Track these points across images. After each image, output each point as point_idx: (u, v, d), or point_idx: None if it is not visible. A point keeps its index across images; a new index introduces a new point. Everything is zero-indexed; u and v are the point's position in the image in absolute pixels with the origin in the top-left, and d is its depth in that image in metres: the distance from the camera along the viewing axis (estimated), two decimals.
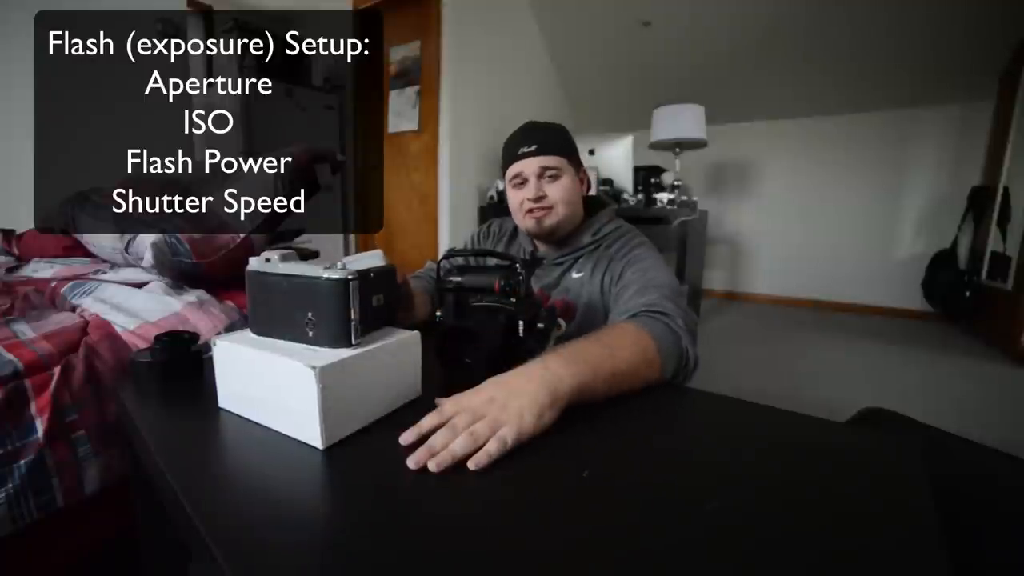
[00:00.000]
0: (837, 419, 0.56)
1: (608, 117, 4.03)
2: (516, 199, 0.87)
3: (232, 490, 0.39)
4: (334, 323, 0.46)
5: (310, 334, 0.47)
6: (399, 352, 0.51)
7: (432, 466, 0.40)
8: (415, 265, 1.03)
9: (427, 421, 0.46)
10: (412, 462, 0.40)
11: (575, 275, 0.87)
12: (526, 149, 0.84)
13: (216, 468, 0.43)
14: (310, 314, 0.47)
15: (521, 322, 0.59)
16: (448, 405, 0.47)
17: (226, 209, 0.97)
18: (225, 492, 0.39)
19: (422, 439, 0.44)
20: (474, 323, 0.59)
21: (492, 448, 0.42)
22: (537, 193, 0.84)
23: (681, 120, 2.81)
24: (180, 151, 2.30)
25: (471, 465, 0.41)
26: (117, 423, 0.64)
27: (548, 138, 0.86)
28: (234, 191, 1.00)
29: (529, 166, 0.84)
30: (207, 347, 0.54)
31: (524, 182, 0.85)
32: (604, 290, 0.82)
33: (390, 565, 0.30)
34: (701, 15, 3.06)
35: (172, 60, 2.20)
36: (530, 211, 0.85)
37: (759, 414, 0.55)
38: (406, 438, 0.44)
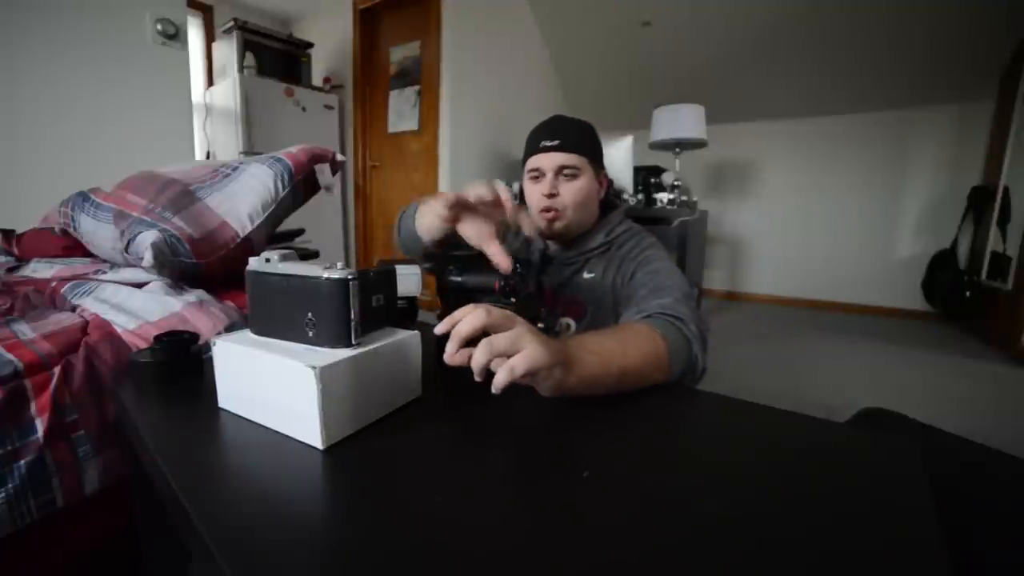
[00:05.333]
0: (837, 419, 0.56)
1: (608, 117, 4.03)
2: (533, 193, 0.86)
3: (232, 490, 0.39)
4: (334, 323, 0.46)
5: (310, 334, 0.47)
6: (399, 352, 0.51)
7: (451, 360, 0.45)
8: None
9: (460, 312, 0.47)
10: (451, 349, 0.45)
11: (586, 275, 0.86)
12: (548, 143, 0.82)
13: (216, 468, 0.43)
14: (310, 314, 0.47)
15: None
16: (487, 306, 0.47)
17: (226, 209, 0.97)
18: (225, 492, 0.39)
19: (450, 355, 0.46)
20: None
21: (499, 380, 0.43)
22: (551, 190, 0.82)
23: (681, 120, 2.81)
24: (181, 151, 2.31)
25: (493, 390, 0.43)
26: (117, 423, 0.64)
27: (572, 135, 0.84)
28: (234, 191, 0.99)
29: (548, 161, 0.82)
30: (207, 347, 0.54)
31: (541, 176, 0.84)
32: (615, 290, 0.82)
33: (390, 565, 0.30)
34: (701, 15, 3.06)
35: (172, 60, 2.21)
36: (542, 210, 0.84)
37: (759, 414, 0.55)
38: (440, 329, 0.47)
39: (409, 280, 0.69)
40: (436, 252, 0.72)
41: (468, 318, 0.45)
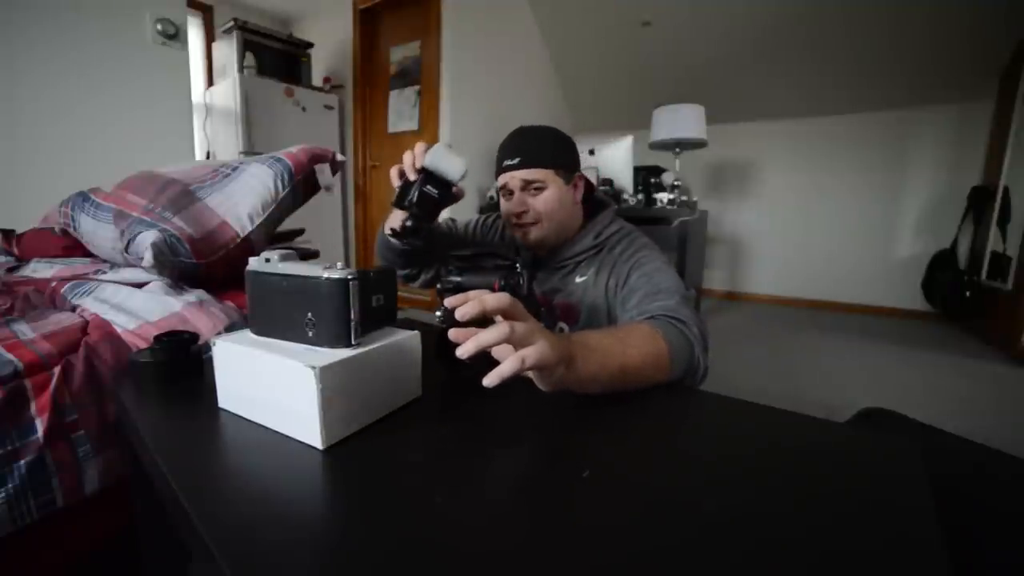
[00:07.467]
0: (837, 419, 0.56)
1: (608, 117, 4.03)
2: (504, 210, 0.87)
3: (232, 490, 0.39)
4: (334, 323, 0.46)
5: (310, 334, 0.47)
6: (399, 352, 0.51)
7: (460, 351, 0.43)
8: None
9: (475, 292, 0.46)
10: (465, 311, 0.44)
11: (578, 279, 0.86)
12: (509, 162, 0.83)
13: (216, 468, 0.43)
14: (310, 314, 0.47)
15: None
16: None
17: (226, 209, 0.97)
18: (225, 492, 0.39)
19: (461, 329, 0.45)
20: (473, 323, 0.59)
21: (508, 367, 0.42)
22: (519, 208, 0.83)
23: (681, 120, 2.81)
24: (181, 151, 2.31)
25: (485, 382, 0.42)
26: (117, 423, 0.64)
27: (533, 149, 0.84)
28: (234, 191, 0.99)
29: (511, 180, 0.83)
30: (207, 347, 0.54)
31: (510, 194, 0.85)
32: (608, 293, 0.82)
33: (390, 565, 0.30)
34: (701, 15, 3.06)
35: (172, 60, 2.21)
36: (515, 224, 0.85)
37: (759, 414, 0.55)
38: (452, 301, 0.46)
39: (452, 162, 0.66)
40: (407, 246, 0.79)
41: (497, 296, 0.45)
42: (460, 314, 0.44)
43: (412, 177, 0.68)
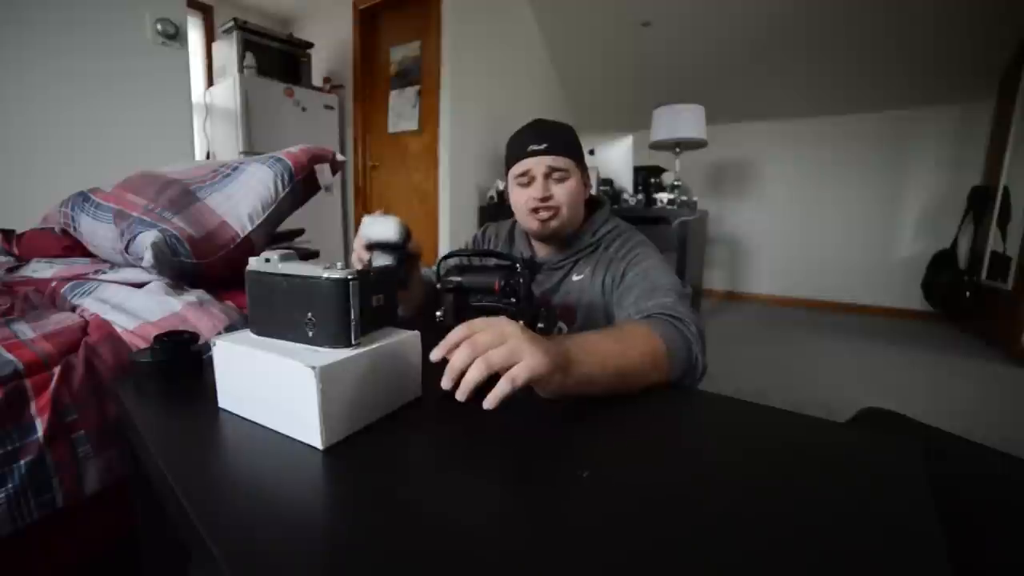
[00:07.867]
0: (837, 419, 0.56)
1: (608, 117, 4.03)
2: (521, 198, 0.85)
3: (232, 490, 0.39)
4: (334, 323, 0.46)
5: (310, 334, 0.47)
6: (399, 352, 0.51)
7: (459, 396, 0.44)
8: None
9: (454, 335, 0.47)
10: (445, 383, 0.46)
11: (575, 278, 0.86)
12: (535, 147, 0.82)
13: (216, 468, 0.43)
14: (310, 314, 0.47)
15: (521, 323, 0.60)
16: (477, 321, 0.48)
17: (226, 209, 0.97)
18: (225, 492, 0.39)
19: (451, 374, 0.47)
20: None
21: (501, 390, 0.44)
22: (544, 193, 0.82)
23: (681, 120, 2.81)
24: (181, 151, 2.32)
25: (485, 405, 0.44)
26: (117, 423, 0.64)
27: (558, 138, 0.84)
28: (234, 191, 0.99)
29: (537, 165, 0.82)
30: (207, 347, 0.54)
31: (531, 181, 0.84)
32: (605, 291, 0.82)
33: (390, 565, 0.30)
34: (701, 15, 3.06)
35: (172, 60, 2.22)
36: (535, 211, 0.83)
37: (759, 414, 0.55)
38: (435, 355, 0.47)
39: (385, 226, 0.67)
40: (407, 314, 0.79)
41: (456, 329, 0.47)
42: (432, 357, 0.47)
43: (365, 257, 0.70)
